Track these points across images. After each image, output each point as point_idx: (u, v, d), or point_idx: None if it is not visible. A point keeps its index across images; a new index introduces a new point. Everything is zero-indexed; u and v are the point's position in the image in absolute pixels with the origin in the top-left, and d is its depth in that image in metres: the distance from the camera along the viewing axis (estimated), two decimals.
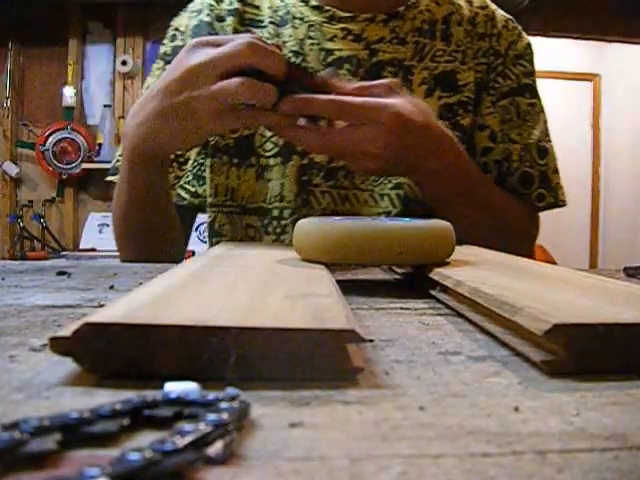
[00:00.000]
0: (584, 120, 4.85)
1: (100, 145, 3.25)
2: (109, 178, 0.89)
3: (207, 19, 0.90)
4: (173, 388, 0.21)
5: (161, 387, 0.21)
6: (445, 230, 0.50)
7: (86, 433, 0.17)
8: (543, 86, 0.89)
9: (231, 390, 0.20)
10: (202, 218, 0.96)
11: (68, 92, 3.24)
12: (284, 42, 0.87)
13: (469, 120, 0.87)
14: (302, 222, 0.51)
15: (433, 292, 0.45)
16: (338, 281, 0.39)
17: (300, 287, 0.35)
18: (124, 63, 3.28)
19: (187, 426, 0.16)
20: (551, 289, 0.37)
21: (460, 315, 0.38)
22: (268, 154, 0.87)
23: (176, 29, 0.93)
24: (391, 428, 0.19)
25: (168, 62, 0.88)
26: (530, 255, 0.89)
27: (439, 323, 0.36)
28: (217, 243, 0.89)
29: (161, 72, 0.88)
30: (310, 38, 0.87)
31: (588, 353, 0.25)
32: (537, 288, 0.38)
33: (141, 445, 0.15)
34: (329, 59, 0.86)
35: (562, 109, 4.40)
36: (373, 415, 0.20)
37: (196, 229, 3.43)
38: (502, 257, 0.58)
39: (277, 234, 0.86)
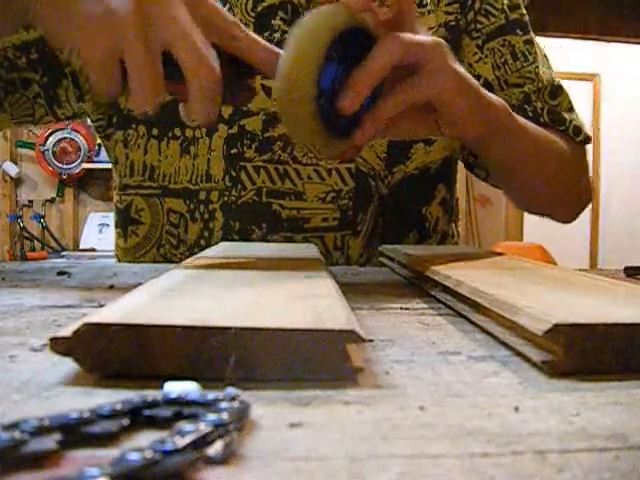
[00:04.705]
0: (584, 120, 4.84)
1: (100, 145, 3.25)
2: None
3: None
4: (173, 388, 0.21)
5: (161, 387, 0.21)
6: None
7: (86, 433, 0.17)
8: None
9: (231, 390, 0.20)
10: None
11: None
12: None
13: None
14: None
15: (433, 292, 0.45)
16: (338, 281, 0.39)
17: (300, 287, 0.35)
18: None
19: (187, 426, 0.16)
20: (551, 289, 0.37)
21: (460, 315, 0.38)
22: (195, 124, 0.72)
23: None
24: (391, 428, 0.19)
25: None
26: (589, 191, 0.82)
27: (439, 323, 0.36)
28: (132, 233, 0.77)
29: None
30: None
31: (588, 353, 0.25)
32: (537, 288, 0.38)
33: (141, 445, 0.15)
34: (258, 8, 0.72)
35: None
36: (373, 415, 0.20)
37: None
38: (502, 257, 0.58)
39: (204, 221, 0.75)
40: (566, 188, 0.80)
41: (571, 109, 0.80)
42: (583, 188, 0.83)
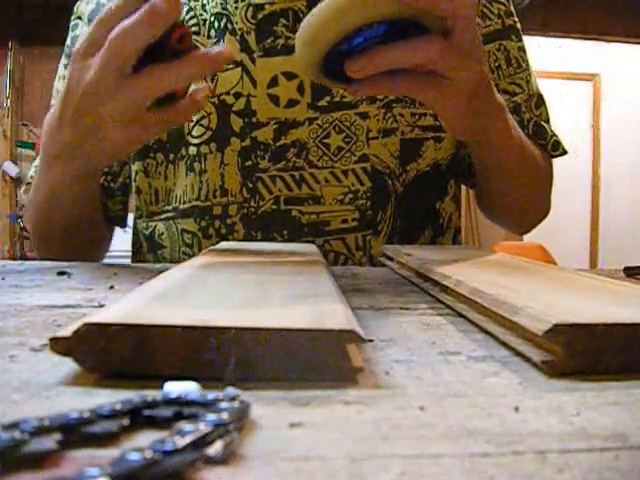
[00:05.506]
0: (584, 120, 4.85)
1: None
2: (24, 193, 0.77)
3: (104, 0, 0.76)
4: (173, 388, 0.21)
5: (161, 387, 0.21)
6: None
7: (86, 433, 0.17)
8: (543, 86, 0.88)
9: (231, 390, 0.20)
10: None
11: None
12: (203, 5, 0.75)
13: None
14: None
15: (433, 292, 0.45)
16: (338, 281, 0.39)
17: (300, 287, 0.35)
18: None
19: (187, 426, 0.16)
20: (551, 289, 0.37)
21: (460, 315, 0.38)
22: (197, 140, 0.74)
23: (78, 17, 0.82)
24: (391, 428, 0.19)
25: (69, 55, 0.79)
26: (549, 207, 0.85)
27: (439, 323, 0.36)
28: (160, 256, 0.79)
29: (64, 70, 0.79)
30: None
31: (588, 353, 0.25)
32: (537, 288, 0.38)
33: (141, 445, 0.15)
34: (259, 16, 0.73)
35: (562, 109, 4.40)
36: (373, 415, 0.20)
37: None
38: (502, 257, 0.58)
39: (221, 236, 0.75)
40: (535, 202, 0.83)
41: (548, 120, 0.83)
42: (547, 203, 0.86)
